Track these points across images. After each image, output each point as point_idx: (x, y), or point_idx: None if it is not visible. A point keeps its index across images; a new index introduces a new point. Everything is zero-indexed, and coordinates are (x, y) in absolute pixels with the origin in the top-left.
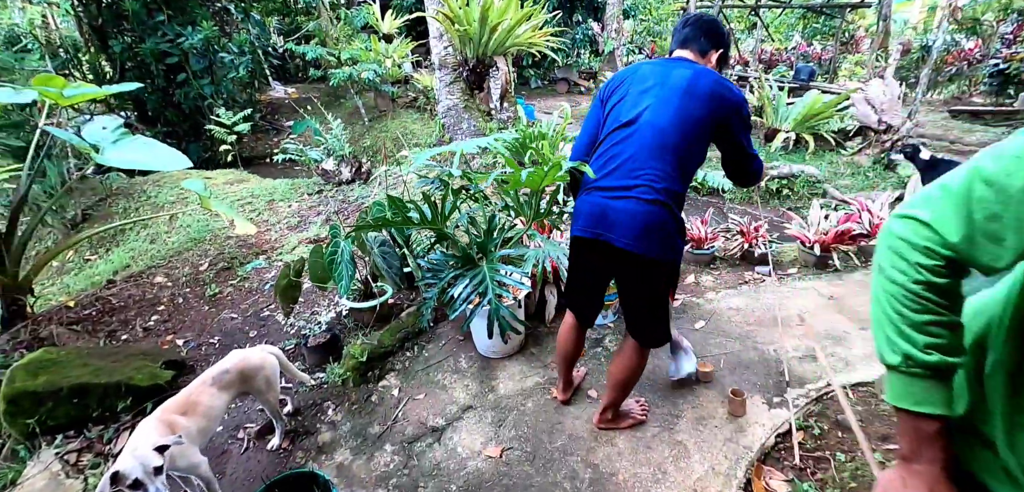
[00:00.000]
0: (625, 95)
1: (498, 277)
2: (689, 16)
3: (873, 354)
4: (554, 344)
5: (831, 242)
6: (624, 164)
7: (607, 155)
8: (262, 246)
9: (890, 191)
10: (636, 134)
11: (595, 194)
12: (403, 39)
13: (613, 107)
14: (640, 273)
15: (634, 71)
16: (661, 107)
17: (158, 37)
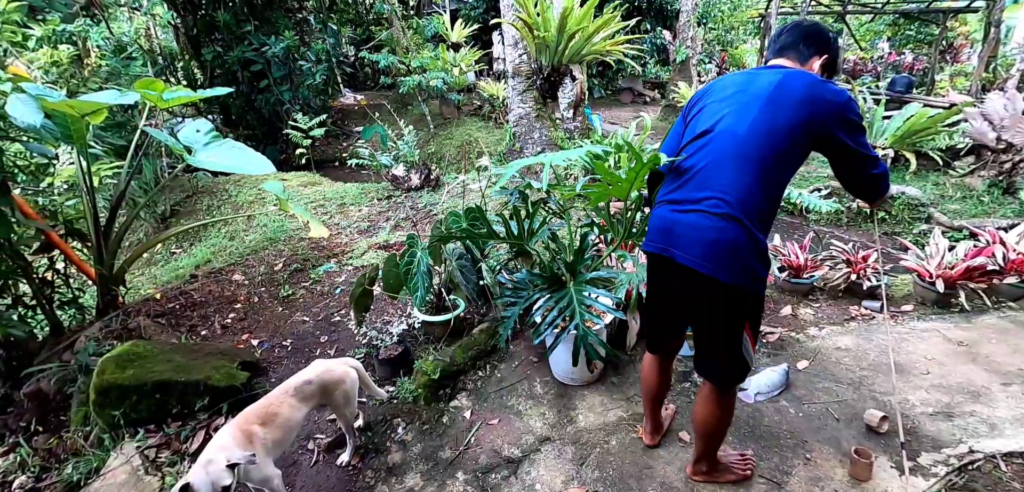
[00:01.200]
0: (706, 105)
1: (587, 300)
2: (788, 23)
3: (1022, 415)
4: (636, 373)
5: (958, 278)
6: (696, 176)
7: (681, 167)
8: (333, 249)
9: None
10: (711, 144)
11: (664, 207)
12: (470, 48)
13: (693, 118)
14: (709, 298)
15: (719, 81)
16: (741, 114)
17: (245, 46)
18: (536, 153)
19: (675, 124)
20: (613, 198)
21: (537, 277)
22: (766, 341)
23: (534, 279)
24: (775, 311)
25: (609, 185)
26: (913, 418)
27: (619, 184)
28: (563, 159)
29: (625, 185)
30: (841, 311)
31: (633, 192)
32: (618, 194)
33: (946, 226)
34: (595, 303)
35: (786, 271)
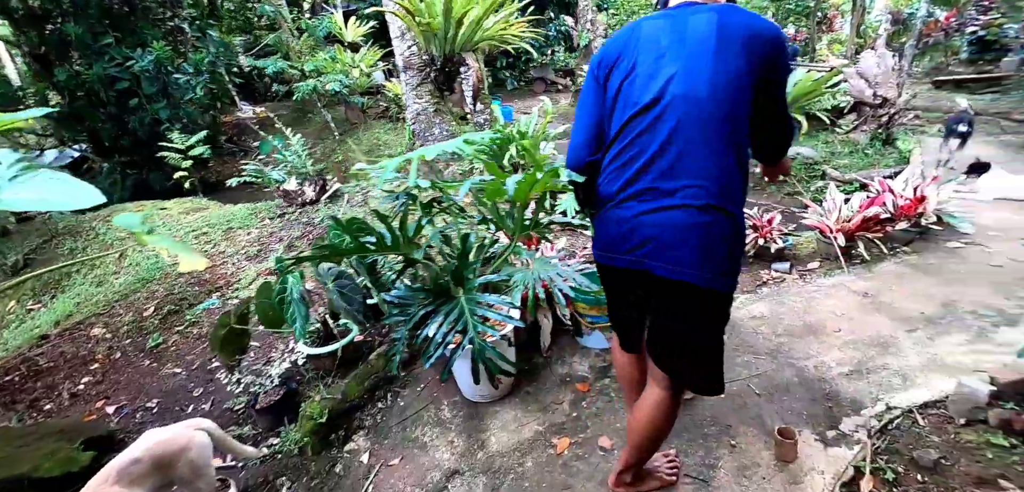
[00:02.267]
0: (634, 67)
1: (480, 310)
2: None
3: (932, 362)
4: (554, 376)
5: (855, 230)
6: (656, 159)
7: (628, 152)
8: (217, 282)
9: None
10: (666, 115)
11: (621, 207)
12: (370, 47)
13: (621, 86)
14: (696, 309)
15: (633, 35)
16: (692, 71)
17: (105, 61)
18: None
19: (585, 89)
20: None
21: (419, 290)
22: None
23: (416, 293)
24: None
25: (509, 184)
26: (830, 381)
27: (520, 186)
28: (438, 151)
29: (524, 186)
30: (753, 278)
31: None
32: (518, 197)
33: (839, 180)
34: (492, 313)
35: None
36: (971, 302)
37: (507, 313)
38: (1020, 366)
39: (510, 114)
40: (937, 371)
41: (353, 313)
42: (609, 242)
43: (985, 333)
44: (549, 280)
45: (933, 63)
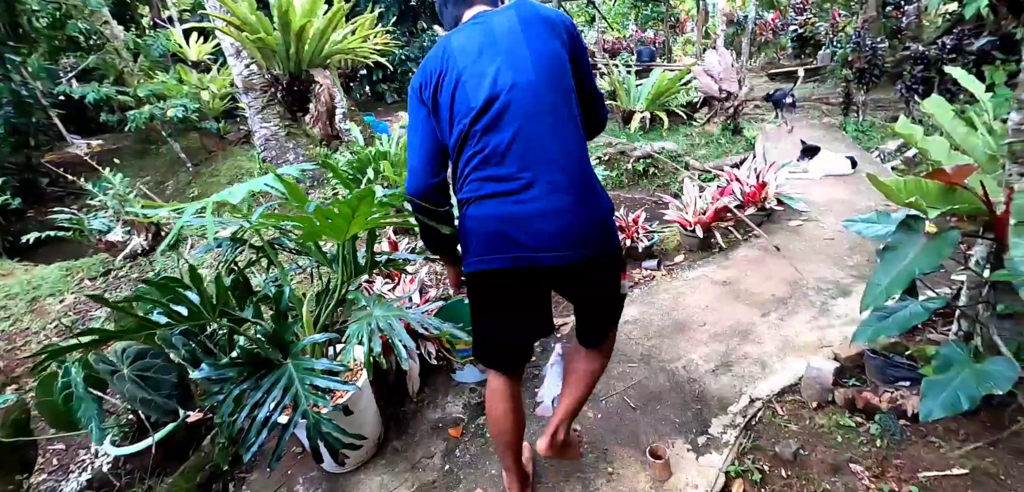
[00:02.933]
0: (458, 78)
1: (313, 378)
2: None
3: (785, 344)
4: (426, 425)
5: (711, 221)
6: (511, 151)
7: (480, 154)
8: (12, 371)
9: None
10: (510, 109)
11: (485, 204)
12: (223, 66)
13: (452, 99)
14: (592, 279)
15: (446, 51)
16: (515, 60)
17: None
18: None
19: (412, 115)
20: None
21: (230, 365)
22: (560, 334)
23: (221, 370)
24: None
25: (318, 222)
26: (699, 380)
27: (335, 221)
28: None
29: (341, 223)
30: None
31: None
32: (332, 235)
33: (699, 169)
34: (326, 381)
35: None
36: (813, 278)
37: (342, 380)
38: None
39: (386, 129)
40: (790, 353)
41: (159, 403)
42: (484, 244)
43: (826, 307)
44: (388, 329)
45: (767, 58)
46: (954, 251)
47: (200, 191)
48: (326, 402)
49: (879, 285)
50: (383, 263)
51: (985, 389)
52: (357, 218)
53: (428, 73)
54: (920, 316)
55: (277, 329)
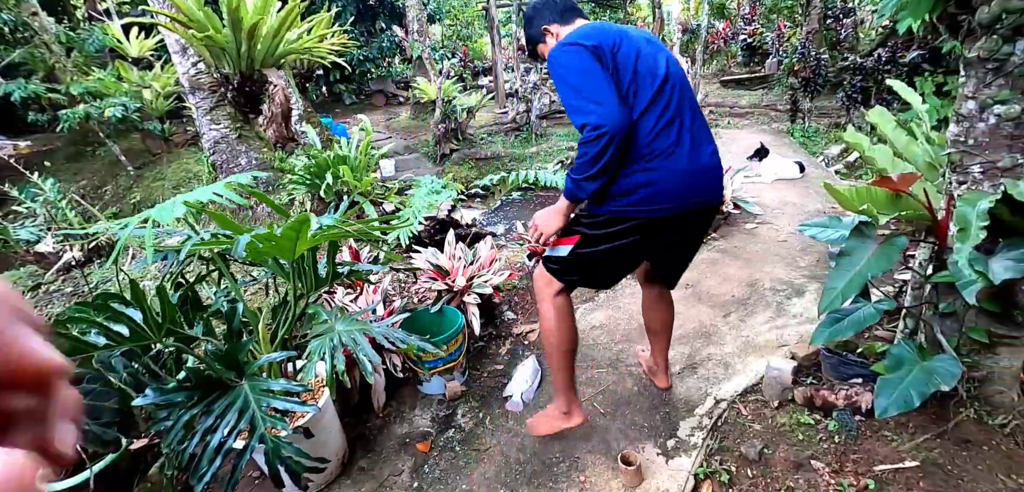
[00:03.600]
0: (639, 51)
1: (270, 400)
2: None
3: (746, 345)
4: (391, 440)
5: None
6: (685, 120)
7: (667, 114)
8: None
9: None
10: (677, 88)
11: (675, 159)
12: (167, 63)
13: (635, 63)
14: (710, 218)
15: (615, 29)
16: (668, 56)
17: None
18: None
19: (593, 69)
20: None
21: (178, 388)
22: (527, 342)
23: (168, 394)
24: (532, 303)
25: (263, 244)
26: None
27: (279, 242)
28: (189, 201)
29: (285, 244)
30: (589, 292)
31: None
32: (280, 254)
33: None
34: (285, 403)
35: (534, 258)
36: (769, 279)
37: (302, 400)
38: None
39: (344, 131)
40: (751, 353)
41: (97, 432)
42: (678, 192)
43: (782, 307)
44: (352, 344)
45: (719, 66)
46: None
47: (143, 197)
48: (285, 426)
49: (835, 289)
50: (345, 274)
51: (934, 386)
52: (301, 241)
53: (605, 37)
54: (872, 317)
55: (230, 348)
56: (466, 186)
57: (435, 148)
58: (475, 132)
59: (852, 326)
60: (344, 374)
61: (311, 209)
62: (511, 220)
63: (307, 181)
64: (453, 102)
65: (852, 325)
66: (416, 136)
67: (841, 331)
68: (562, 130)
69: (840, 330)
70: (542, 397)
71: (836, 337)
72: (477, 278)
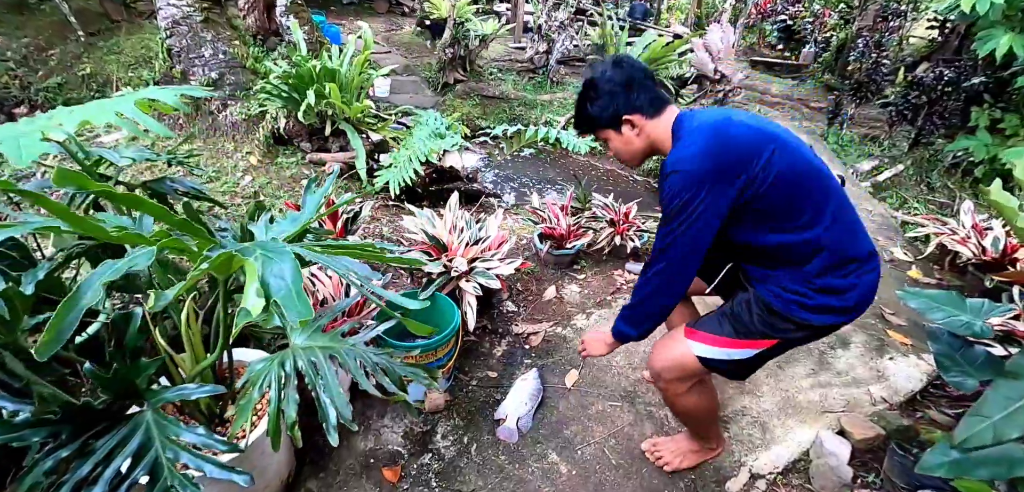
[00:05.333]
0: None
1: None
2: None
3: (786, 402)
4: (351, 458)
5: None
6: (853, 219)
7: (840, 215)
8: None
9: None
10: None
11: (865, 267)
12: None
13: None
14: None
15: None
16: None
17: None
18: (206, 80)
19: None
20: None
21: (35, 424)
22: (528, 346)
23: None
24: (538, 296)
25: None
26: None
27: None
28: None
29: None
30: (607, 282)
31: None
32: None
33: None
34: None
35: (548, 242)
36: None
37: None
38: (862, 402)
39: (338, 37)
40: (793, 414)
41: None
42: (859, 306)
43: (826, 360)
44: (310, 376)
45: (748, 43)
46: None
47: (93, 70)
48: (203, 464)
49: (986, 419)
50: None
51: None
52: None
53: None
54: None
55: (120, 371)
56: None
57: (438, 75)
58: (485, 64)
59: (993, 468)
60: (295, 427)
61: (286, 129)
62: (519, 180)
63: (284, 95)
64: (466, 25)
65: (993, 466)
66: (419, 56)
67: (970, 470)
68: (581, 80)
69: (968, 467)
70: (542, 427)
71: (962, 475)
72: (481, 261)
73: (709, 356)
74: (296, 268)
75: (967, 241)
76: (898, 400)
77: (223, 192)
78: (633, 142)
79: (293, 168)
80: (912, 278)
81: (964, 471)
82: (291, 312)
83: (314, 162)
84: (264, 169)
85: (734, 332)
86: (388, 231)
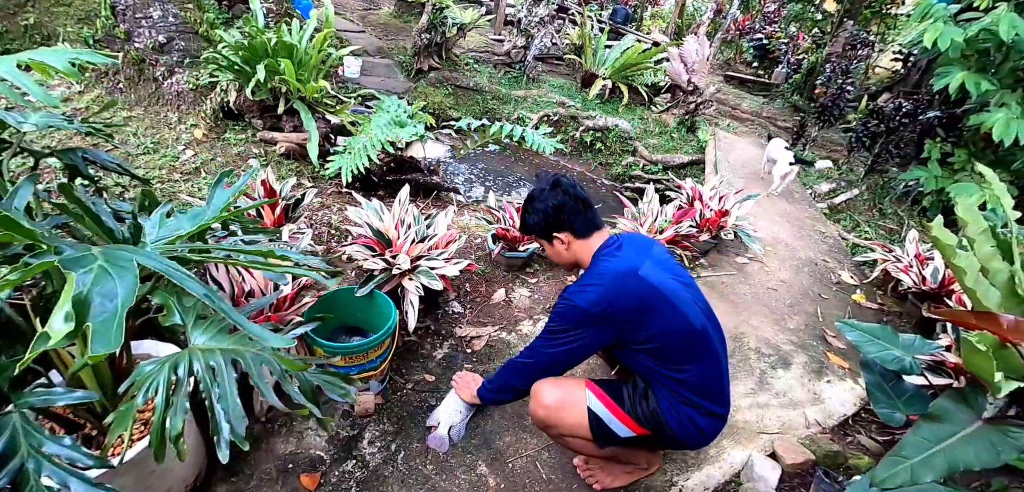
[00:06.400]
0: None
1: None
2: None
3: (744, 405)
4: (269, 462)
5: (665, 243)
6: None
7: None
8: None
9: (694, 155)
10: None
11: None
12: None
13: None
14: None
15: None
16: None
17: None
18: (152, 43)
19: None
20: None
21: None
22: (471, 350)
23: None
24: (486, 298)
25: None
26: None
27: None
28: None
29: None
30: (559, 287)
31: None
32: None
33: (647, 160)
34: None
35: (501, 243)
36: (755, 336)
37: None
38: (796, 424)
39: (308, 10)
40: (728, 434)
41: None
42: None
43: (766, 379)
44: (207, 381)
45: (725, 58)
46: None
47: (36, 19)
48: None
49: (904, 461)
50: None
51: None
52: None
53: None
54: None
55: None
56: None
57: (413, 60)
58: (462, 54)
59: None
60: (181, 442)
61: (237, 103)
62: (483, 176)
63: (235, 67)
64: (445, 11)
65: None
66: (394, 38)
67: None
68: (557, 79)
69: None
70: (474, 436)
71: None
72: (426, 260)
73: (599, 414)
74: (131, 289)
75: (909, 269)
76: (831, 423)
77: (160, 166)
78: (562, 254)
79: (241, 145)
80: (855, 301)
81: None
82: (97, 343)
83: (265, 141)
84: (209, 144)
85: (627, 409)
86: (337, 220)
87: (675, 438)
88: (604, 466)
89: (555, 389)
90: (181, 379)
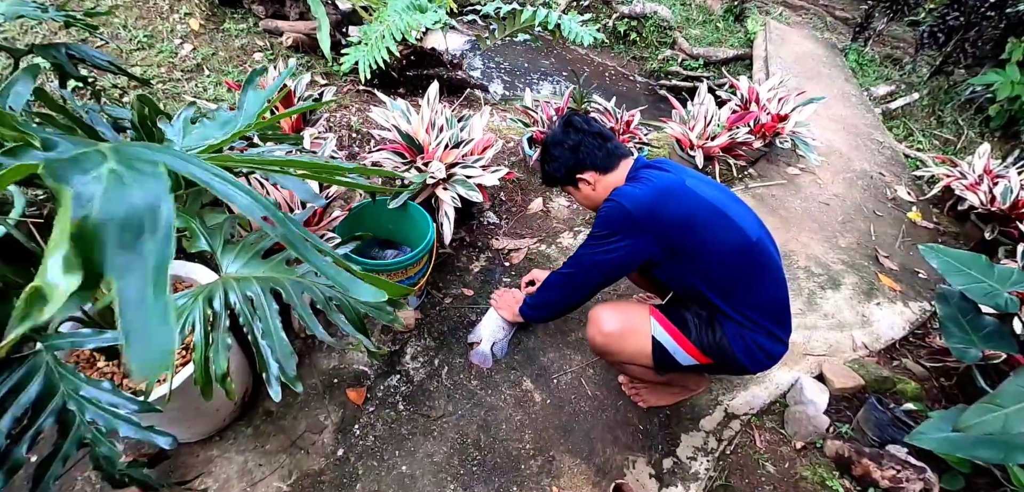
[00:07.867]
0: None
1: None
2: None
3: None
4: (313, 377)
5: (719, 151)
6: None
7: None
8: None
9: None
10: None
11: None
12: None
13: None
14: None
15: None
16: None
17: None
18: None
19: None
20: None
21: None
22: (509, 264)
23: None
24: (523, 207)
25: None
26: None
27: None
28: None
29: None
30: None
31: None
32: None
33: (687, 53)
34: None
35: (538, 148)
36: (805, 254)
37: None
38: (844, 347)
39: None
40: None
41: None
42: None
43: (814, 299)
44: (246, 315)
45: None
46: None
47: None
48: (122, 404)
49: (997, 409)
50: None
51: None
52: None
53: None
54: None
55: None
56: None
57: None
58: None
59: (990, 452)
60: (228, 381)
61: None
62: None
63: None
64: None
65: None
66: None
67: (966, 450)
68: None
69: (964, 448)
70: (518, 353)
71: (957, 453)
72: (461, 167)
73: (664, 343)
74: (165, 204)
75: (977, 187)
76: (878, 347)
77: (157, 64)
78: (591, 196)
79: (243, 37)
80: (911, 220)
81: (961, 451)
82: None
83: (269, 31)
84: (208, 37)
85: (693, 338)
86: (357, 122)
87: (739, 365)
88: (651, 387)
89: (616, 316)
90: (218, 312)
